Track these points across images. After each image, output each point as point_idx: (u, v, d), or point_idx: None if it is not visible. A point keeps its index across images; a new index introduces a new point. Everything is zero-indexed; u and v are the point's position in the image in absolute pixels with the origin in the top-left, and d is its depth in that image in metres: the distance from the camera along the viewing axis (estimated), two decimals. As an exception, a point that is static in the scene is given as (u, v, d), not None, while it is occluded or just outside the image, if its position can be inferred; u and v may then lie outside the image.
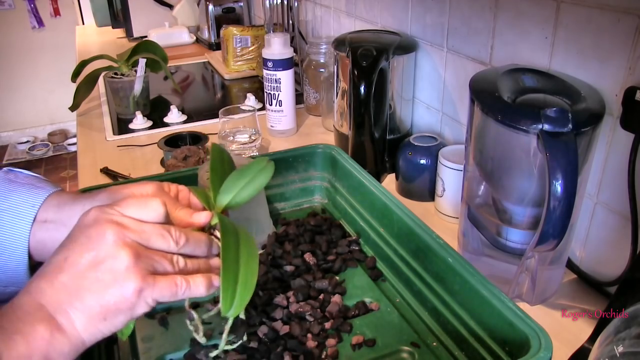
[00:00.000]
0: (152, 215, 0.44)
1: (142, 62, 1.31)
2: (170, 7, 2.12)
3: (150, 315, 0.63)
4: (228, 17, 1.91)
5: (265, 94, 1.15)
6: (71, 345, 0.39)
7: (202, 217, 0.49)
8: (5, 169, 0.57)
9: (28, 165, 3.42)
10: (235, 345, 0.54)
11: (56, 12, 3.51)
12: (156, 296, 0.42)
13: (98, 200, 0.53)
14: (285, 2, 1.32)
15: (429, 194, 0.91)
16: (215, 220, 0.50)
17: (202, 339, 0.53)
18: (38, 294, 0.39)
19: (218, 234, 0.49)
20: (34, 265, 0.54)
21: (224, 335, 0.50)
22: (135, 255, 0.41)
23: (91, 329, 0.40)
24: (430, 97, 1.00)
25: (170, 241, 0.44)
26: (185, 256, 0.45)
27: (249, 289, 0.45)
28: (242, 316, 0.52)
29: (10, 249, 0.52)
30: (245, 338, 0.56)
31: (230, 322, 0.49)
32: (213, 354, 0.55)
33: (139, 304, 0.41)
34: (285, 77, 1.11)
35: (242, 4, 1.95)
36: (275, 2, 1.33)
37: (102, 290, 0.40)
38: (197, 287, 0.44)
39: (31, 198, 0.53)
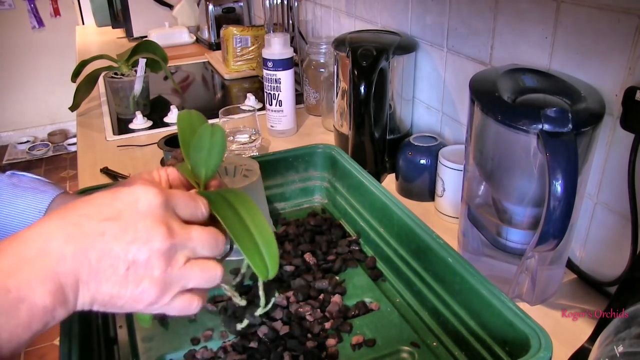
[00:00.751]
0: (199, 216, 0.43)
1: (142, 62, 1.31)
2: (170, 7, 2.12)
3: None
4: (228, 17, 1.91)
5: (265, 94, 1.15)
6: (67, 314, 0.37)
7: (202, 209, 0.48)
8: (8, 173, 0.57)
9: (28, 165, 3.42)
10: (270, 305, 0.53)
11: (56, 12, 3.51)
12: (163, 312, 0.41)
13: None
14: (285, 2, 1.32)
15: (429, 194, 0.91)
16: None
17: (242, 302, 0.52)
18: (57, 259, 0.36)
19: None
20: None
21: (261, 293, 0.50)
22: (166, 272, 0.39)
23: (89, 307, 0.38)
24: (430, 97, 1.00)
25: (216, 250, 0.43)
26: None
27: (272, 245, 0.44)
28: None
29: None
30: (277, 294, 0.55)
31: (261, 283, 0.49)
32: (258, 312, 0.53)
33: (142, 311, 0.40)
34: (285, 77, 1.11)
35: (242, 4, 1.95)
36: (275, 2, 1.33)
37: (121, 286, 0.38)
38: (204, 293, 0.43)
39: (36, 203, 0.53)
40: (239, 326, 0.54)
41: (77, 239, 0.36)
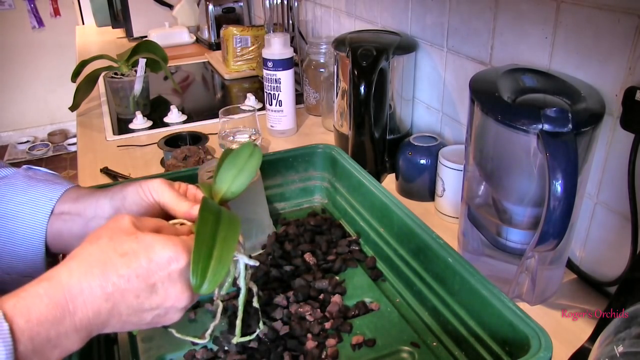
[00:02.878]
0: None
1: (142, 62, 1.31)
2: (170, 7, 2.12)
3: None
4: (228, 17, 1.91)
5: (265, 94, 1.15)
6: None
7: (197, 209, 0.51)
8: (24, 166, 0.60)
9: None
10: (254, 336, 0.56)
11: (56, 12, 3.51)
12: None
13: (116, 198, 0.55)
14: (285, 2, 1.32)
15: (429, 194, 0.91)
16: None
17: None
18: (95, 313, 0.40)
19: None
20: (50, 260, 0.57)
21: (238, 324, 0.52)
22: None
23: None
24: (430, 97, 1.00)
25: None
26: None
27: (224, 264, 0.45)
28: (256, 305, 0.54)
29: (28, 240, 0.54)
30: (261, 326, 0.57)
31: (241, 310, 0.52)
32: (234, 340, 0.56)
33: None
34: (285, 77, 1.11)
35: (242, 4, 1.95)
36: (275, 2, 1.33)
37: (142, 325, 0.44)
38: None
39: (49, 192, 0.55)
40: (235, 339, 0.56)
41: (115, 299, 0.41)
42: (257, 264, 0.51)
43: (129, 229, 0.43)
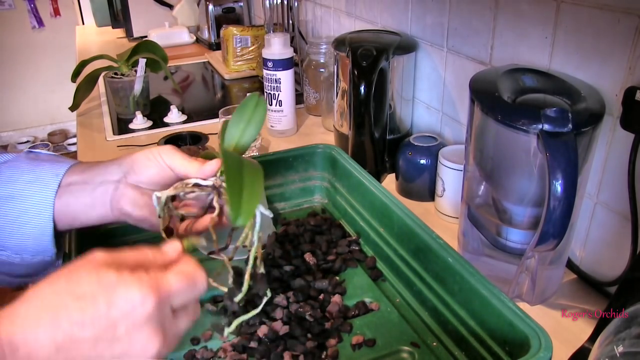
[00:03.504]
0: (196, 294, 0.41)
1: (142, 62, 1.31)
2: (170, 7, 2.11)
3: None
4: (228, 17, 1.91)
5: (265, 94, 1.15)
6: None
7: (212, 166, 0.52)
8: (26, 150, 0.61)
9: (28, 165, 3.42)
10: (263, 303, 0.53)
11: (56, 12, 3.51)
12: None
13: (124, 163, 0.55)
14: (285, 2, 1.32)
15: (429, 194, 0.91)
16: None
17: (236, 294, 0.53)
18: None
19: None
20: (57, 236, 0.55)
21: (246, 278, 0.49)
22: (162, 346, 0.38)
23: None
24: (430, 97, 1.00)
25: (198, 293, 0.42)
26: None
27: (254, 195, 0.46)
28: (262, 270, 0.51)
29: (37, 216, 0.54)
30: (269, 294, 0.53)
31: (250, 263, 0.49)
32: (237, 298, 0.52)
33: None
34: (285, 77, 1.11)
35: (242, 4, 1.95)
36: (275, 2, 1.33)
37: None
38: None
39: (55, 169, 0.55)
40: (227, 331, 0.53)
41: (67, 349, 0.34)
42: (272, 215, 0.51)
43: (94, 266, 0.37)
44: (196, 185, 0.53)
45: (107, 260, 0.38)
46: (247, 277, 0.50)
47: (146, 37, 1.96)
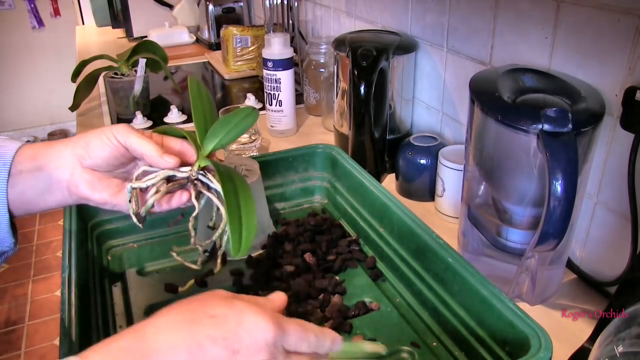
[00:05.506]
0: (311, 348, 0.45)
1: (142, 62, 1.31)
2: (170, 7, 2.11)
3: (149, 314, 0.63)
4: (228, 17, 1.91)
5: (265, 94, 1.15)
6: None
7: (173, 159, 0.53)
8: None
9: (28, 165, 3.41)
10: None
11: (56, 12, 3.51)
12: None
13: (77, 146, 0.54)
14: (285, 2, 1.32)
15: (429, 194, 0.91)
16: (204, 163, 0.54)
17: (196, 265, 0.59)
18: None
19: (210, 176, 0.54)
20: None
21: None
22: None
23: None
24: (430, 97, 1.00)
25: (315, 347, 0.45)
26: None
27: (251, 229, 0.50)
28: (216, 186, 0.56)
29: None
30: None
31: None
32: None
33: None
34: (285, 77, 1.11)
35: (242, 4, 1.95)
36: (275, 2, 1.33)
37: None
38: None
39: (1, 158, 0.53)
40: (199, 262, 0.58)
41: (198, 358, 0.39)
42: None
43: (223, 297, 0.43)
44: (170, 177, 0.54)
45: (233, 295, 0.44)
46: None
47: (146, 37, 1.96)
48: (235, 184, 0.52)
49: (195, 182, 0.54)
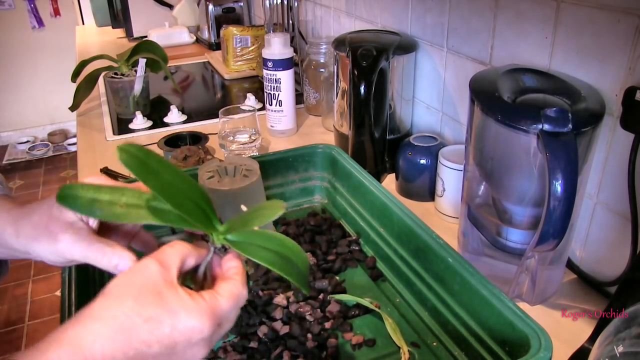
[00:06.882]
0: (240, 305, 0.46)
1: (142, 62, 1.31)
2: (170, 7, 2.12)
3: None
4: (228, 17, 1.91)
5: (265, 94, 1.15)
6: None
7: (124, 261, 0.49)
8: None
9: (28, 165, 3.42)
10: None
11: (56, 12, 3.51)
12: None
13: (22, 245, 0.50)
14: (285, 2, 1.32)
15: (429, 194, 0.91)
16: (220, 243, 0.47)
17: None
18: None
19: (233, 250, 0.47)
20: None
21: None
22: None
23: None
24: (430, 97, 1.00)
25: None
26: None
27: (303, 262, 0.47)
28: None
29: None
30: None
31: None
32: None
33: None
34: (285, 77, 1.11)
35: (242, 4, 1.95)
36: (275, 2, 1.33)
37: None
38: None
39: None
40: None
41: None
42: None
43: (155, 285, 0.41)
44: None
45: (165, 278, 0.42)
46: None
47: (146, 37, 1.96)
48: (265, 243, 0.46)
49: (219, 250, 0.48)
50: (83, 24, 2.96)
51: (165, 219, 0.45)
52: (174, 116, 1.28)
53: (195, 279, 0.47)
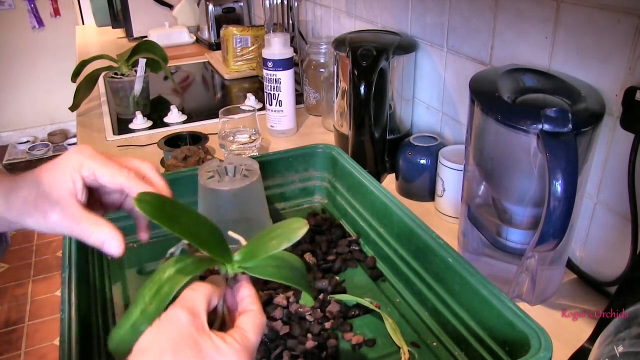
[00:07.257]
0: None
1: (142, 62, 1.31)
2: (170, 7, 2.12)
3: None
4: (228, 17, 1.91)
5: (265, 94, 1.15)
6: None
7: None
8: None
9: (28, 165, 3.42)
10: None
11: (56, 12, 3.51)
12: None
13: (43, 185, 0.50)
14: (285, 2, 1.32)
15: (429, 194, 0.91)
16: (233, 273, 0.47)
17: None
18: None
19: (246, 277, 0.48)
20: None
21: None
22: None
23: None
24: (430, 97, 1.00)
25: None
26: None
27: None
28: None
29: None
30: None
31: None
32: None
33: None
34: (285, 77, 1.11)
35: (242, 4, 1.95)
36: (275, 2, 1.33)
37: None
38: None
39: None
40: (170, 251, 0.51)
41: None
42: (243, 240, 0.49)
43: (190, 335, 0.41)
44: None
45: (197, 326, 0.42)
46: None
47: (146, 37, 1.96)
48: (275, 262, 0.47)
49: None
50: (83, 24, 2.96)
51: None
52: (174, 116, 1.28)
53: (215, 314, 0.47)
